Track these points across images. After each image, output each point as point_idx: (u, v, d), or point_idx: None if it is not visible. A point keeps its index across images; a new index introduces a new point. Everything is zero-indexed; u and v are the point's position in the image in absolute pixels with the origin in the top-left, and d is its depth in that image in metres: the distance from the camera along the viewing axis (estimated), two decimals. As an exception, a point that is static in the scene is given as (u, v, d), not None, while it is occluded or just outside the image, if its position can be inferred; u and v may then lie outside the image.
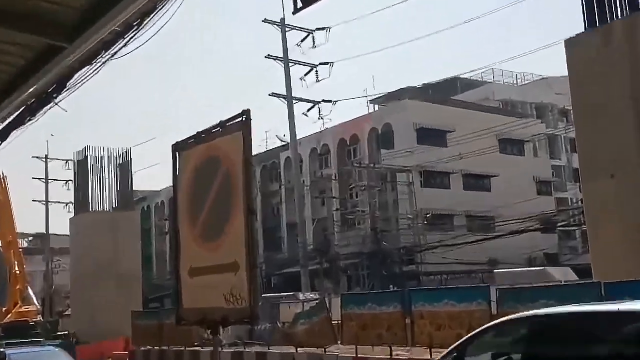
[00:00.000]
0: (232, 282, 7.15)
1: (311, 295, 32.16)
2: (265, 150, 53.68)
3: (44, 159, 48.63)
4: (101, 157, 36.87)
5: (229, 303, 7.20)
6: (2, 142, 7.77)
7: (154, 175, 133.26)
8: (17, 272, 42.85)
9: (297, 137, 39.35)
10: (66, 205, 46.90)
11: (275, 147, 53.84)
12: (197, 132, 7.86)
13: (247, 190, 7.07)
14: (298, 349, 16.82)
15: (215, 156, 7.60)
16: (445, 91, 51.68)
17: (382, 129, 46.52)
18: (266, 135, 62.53)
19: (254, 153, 7.49)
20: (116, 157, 37.06)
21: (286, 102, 35.99)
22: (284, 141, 51.59)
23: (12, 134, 7.60)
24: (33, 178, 50.27)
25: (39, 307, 45.04)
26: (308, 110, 38.17)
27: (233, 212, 7.26)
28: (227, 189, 7.35)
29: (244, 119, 7.12)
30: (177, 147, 8.14)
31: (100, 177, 36.59)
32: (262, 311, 14.04)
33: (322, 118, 39.67)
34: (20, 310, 41.68)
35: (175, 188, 8.18)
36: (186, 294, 7.91)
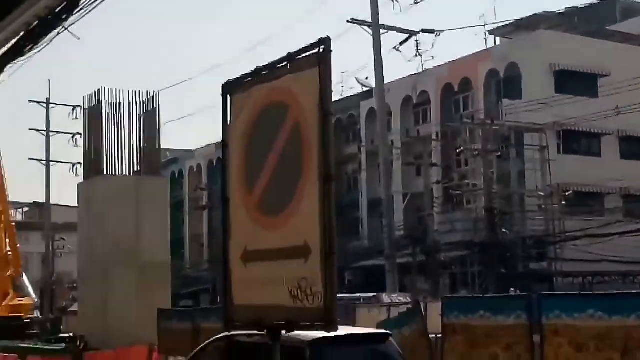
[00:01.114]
0: (301, 272, 7.24)
1: (400, 297, 32.43)
2: (340, 98, 53.78)
3: (44, 105, 50.21)
4: (119, 103, 37.79)
5: (295, 300, 7.29)
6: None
7: (185, 129, 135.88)
8: (9, 253, 44.99)
9: (385, 81, 39.26)
10: (73, 166, 48.42)
11: (354, 95, 53.89)
12: (257, 69, 7.93)
13: (324, 149, 7.11)
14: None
15: (280, 101, 7.66)
16: (597, 19, 50.40)
17: (505, 71, 45.93)
18: (341, 77, 62.47)
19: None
20: (139, 104, 37.93)
21: (371, 31, 35.88)
22: (367, 86, 51.60)
23: (6, 68, 7.87)
24: (30, 129, 52.06)
25: (36, 299, 47.19)
26: (401, 43, 38.15)
27: (304, 178, 7.32)
28: (296, 146, 7.42)
29: (321, 50, 7.13)
30: (229, 89, 8.25)
31: (118, 129, 37.57)
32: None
33: (420, 55, 39.47)
34: (12, 303, 43.75)
35: (225, 143, 8.32)
36: (238, 286, 8.07)
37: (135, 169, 38.67)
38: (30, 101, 50.67)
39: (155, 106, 38.68)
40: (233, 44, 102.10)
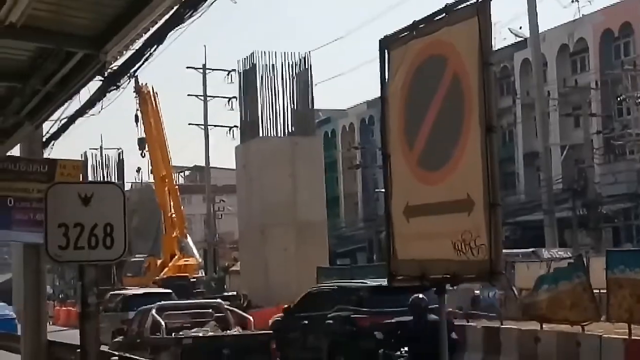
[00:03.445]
0: (464, 225, 7.25)
1: (560, 252, 31.69)
2: (493, 50, 52.77)
3: (201, 71, 51.67)
4: (272, 65, 38.53)
5: (459, 253, 7.32)
6: (157, 46, 8.41)
7: (335, 90, 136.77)
8: (173, 215, 46.92)
9: (540, 30, 38.13)
10: (230, 130, 49.72)
11: (507, 46, 52.64)
12: (414, 22, 7.92)
13: (485, 100, 7.06)
14: (543, 325, 16.80)
15: (438, 54, 7.64)
16: None
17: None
18: (494, 28, 61.26)
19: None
20: (292, 65, 38.53)
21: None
22: (520, 36, 50.30)
23: (168, 35, 8.15)
24: (188, 95, 53.78)
25: (200, 260, 49.09)
26: (557, -11, 36.79)
27: (465, 130, 7.30)
28: (456, 100, 7.40)
29: (479, 0, 7.09)
30: (386, 44, 8.29)
31: (272, 92, 38.33)
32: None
33: (577, 0, 38.02)
34: (178, 263, 45.72)
35: (384, 99, 8.39)
36: (401, 241, 8.16)
37: (289, 130, 39.49)
38: (187, 67, 52.44)
39: (307, 67, 39.34)
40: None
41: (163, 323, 15.09)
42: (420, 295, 10.72)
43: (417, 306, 10.75)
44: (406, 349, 11.10)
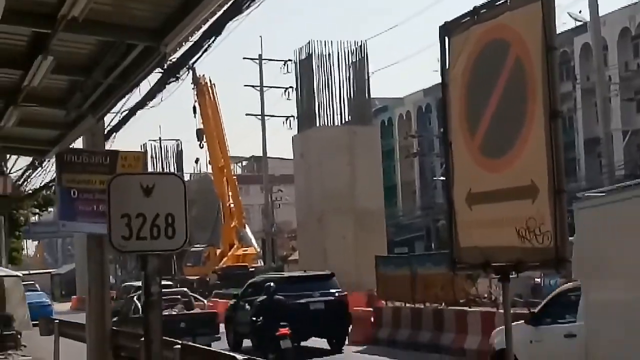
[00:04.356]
0: (528, 212, 7.15)
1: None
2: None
3: (257, 61, 51.92)
4: (329, 54, 38.55)
5: (524, 240, 7.22)
6: (215, 38, 8.43)
7: (392, 78, 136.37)
8: (232, 206, 47.33)
9: (600, 14, 37.50)
10: (286, 120, 49.97)
11: (566, 30, 51.89)
12: (475, 8, 7.81)
13: (549, 85, 6.94)
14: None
15: (501, 39, 7.53)
16: None
17: None
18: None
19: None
20: (348, 54, 38.53)
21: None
22: (580, 20, 49.54)
23: (226, 27, 8.14)
24: (245, 86, 54.14)
25: (258, 249, 49.45)
26: (617, -29, 36.12)
27: (529, 116, 7.19)
28: (519, 85, 7.29)
29: (542, -16, 6.97)
30: (447, 30, 8.19)
31: (329, 81, 38.38)
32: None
33: (638, -18, 37.17)
34: (237, 253, 46.16)
35: (444, 86, 8.31)
36: (463, 228, 8.09)
37: (346, 119, 39.49)
38: (244, 58, 52.78)
39: (363, 55, 39.30)
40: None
41: (140, 306, 19.54)
42: (271, 284, 19.14)
43: (267, 289, 18.71)
44: (261, 317, 18.54)
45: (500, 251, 7.62)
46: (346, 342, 21.64)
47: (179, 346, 9.97)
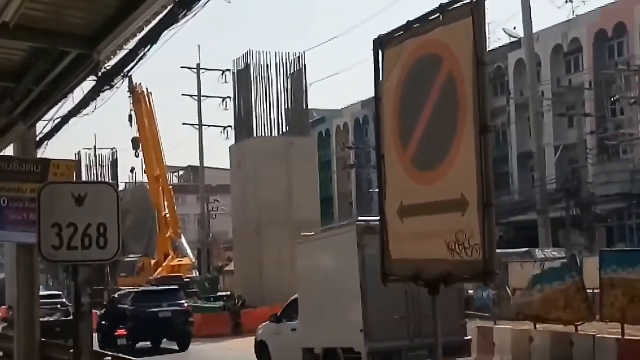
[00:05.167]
0: (458, 224, 7.23)
1: (554, 252, 31.78)
2: (487, 50, 52.80)
3: (195, 70, 51.64)
4: (267, 64, 38.51)
5: (453, 253, 7.29)
6: (151, 46, 8.38)
7: (330, 89, 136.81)
8: (167, 215, 46.84)
9: (534, 30, 38.22)
10: (224, 129, 49.74)
11: (501, 46, 52.72)
12: (408, 22, 7.89)
13: (480, 100, 7.04)
14: (536, 325, 16.86)
15: (433, 54, 7.61)
16: None
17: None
18: (488, 28, 61.16)
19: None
20: (286, 65, 38.54)
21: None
22: (514, 36, 50.36)
23: (162, 35, 8.10)
24: (182, 95, 53.80)
25: (193, 259, 49.01)
26: (550, -11, 36.82)
27: (459, 131, 7.27)
28: (450, 99, 7.37)
29: (474, 0, 7.08)
30: (381, 43, 8.26)
31: (266, 91, 38.33)
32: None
33: (571, 0, 38.08)
34: (172, 263, 45.63)
35: (378, 99, 8.37)
36: (395, 241, 8.14)
37: (284, 130, 39.49)
38: (182, 67, 52.46)
39: (301, 66, 39.36)
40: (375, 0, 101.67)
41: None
42: (116, 295, 27.73)
43: (111, 301, 25.34)
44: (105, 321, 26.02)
45: (431, 263, 7.67)
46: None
47: (109, 358, 9.87)
